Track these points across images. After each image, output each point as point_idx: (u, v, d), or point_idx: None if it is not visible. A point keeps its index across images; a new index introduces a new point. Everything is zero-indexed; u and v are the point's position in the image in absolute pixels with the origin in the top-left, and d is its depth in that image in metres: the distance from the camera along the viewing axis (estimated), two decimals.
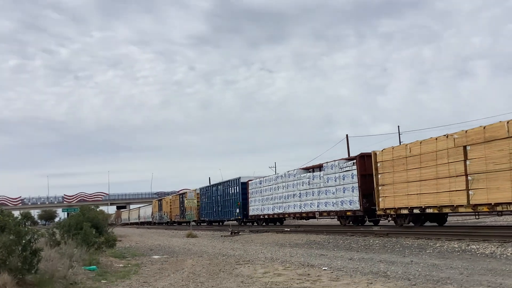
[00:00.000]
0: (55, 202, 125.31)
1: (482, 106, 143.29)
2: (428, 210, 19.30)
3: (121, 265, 13.90)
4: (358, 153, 24.28)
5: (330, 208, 26.11)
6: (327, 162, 26.55)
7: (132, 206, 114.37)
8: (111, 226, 31.84)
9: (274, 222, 36.51)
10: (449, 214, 21.13)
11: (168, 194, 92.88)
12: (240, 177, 40.14)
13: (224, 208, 43.19)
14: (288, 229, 27.63)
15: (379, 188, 21.91)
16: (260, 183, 35.84)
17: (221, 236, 28.63)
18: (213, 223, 49.04)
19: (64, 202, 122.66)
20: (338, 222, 27.63)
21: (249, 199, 37.93)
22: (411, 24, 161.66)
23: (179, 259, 15.15)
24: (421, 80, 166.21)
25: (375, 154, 22.27)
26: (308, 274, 10.21)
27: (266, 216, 35.01)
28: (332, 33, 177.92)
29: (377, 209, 22.08)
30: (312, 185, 27.87)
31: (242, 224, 40.01)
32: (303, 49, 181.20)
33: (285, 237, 23.16)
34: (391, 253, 14.08)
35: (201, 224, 52.00)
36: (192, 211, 51.51)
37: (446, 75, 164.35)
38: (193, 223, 53.88)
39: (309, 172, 29.15)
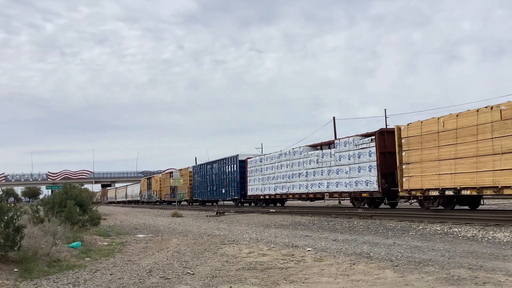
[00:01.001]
0: (39, 180, 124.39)
1: (470, 91, 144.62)
2: (465, 192, 17.25)
3: (105, 243, 13.86)
4: (378, 129, 22.01)
5: (342, 188, 23.98)
6: (339, 139, 24.61)
7: (117, 185, 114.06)
8: (95, 204, 31.74)
9: (275, 203, 34.22)
10: (485, 196, 19.29)
11: (153, 173, 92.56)
12: (238, 155, 37.67)
13: (220, 187, 40.60)
14: (273, 210, 27.79)
15: (403, 167, 19.72)
16: (261, 161, 33.48)
17: (207, 216, 28.70)
18: (207, 203, 46.53)
19: (48, 179, 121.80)
20: (351, 204, 25.73)
21: (248, 178, 35.44)
22: (402, 7, 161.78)
23: (164, 238, 15.15)
24: (410, 64, 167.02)
25: (399, 129, 20.07)
26: (293, 255, 10.28)
27: (267, 197, 32.77)
28: (323, 14, 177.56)
29: (399, 190, 19.94)
30: (321, 164, 25.67)
31: (239, 204, 37.90)
32: (293, 30, 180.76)
33: (271, 218, 23.28)
34: (374, 234, 14.23)
35: (193, 204, 49.95)
36: (184, 190, 49.35)
37: (435, 59, 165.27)
38: (185, 203, 51.54)
39: (317, 149, 27.01)
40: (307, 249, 11.18)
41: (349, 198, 25.30)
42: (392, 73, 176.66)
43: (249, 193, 35.20)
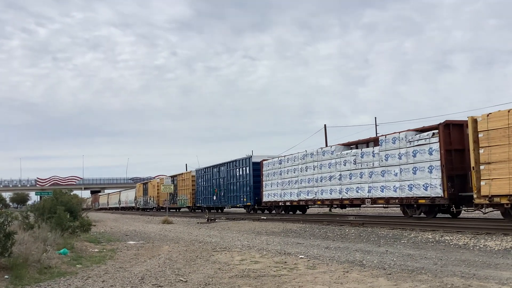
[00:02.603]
0: (28, 185, 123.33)
1: (460, 100, 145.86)
2: None
3: (96, 250, 13.75)
4: (443, 121, 18.29)
5: (390, 194, 20.13)
6: (385, 135, 20.71)
7: (106, 191, 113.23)
8: (85, 210, 31.51)
9: (294, 210, 30.83)
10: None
11: (144, 179, 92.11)
12: (251, 156, 34.04)
13: (228, 193, 36.94)
14: (265, 217, 27.73)
15: (481, 167, 16.10)
16: (280, 163, 29.57)
17: (197, 223, 28.58)
18: (211, 210, 43.20)
19: (37, 185, 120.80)
20: (400, 212, 22.00)
21: (263, 183, 31.53)
22: (394, 16, 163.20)
23: (155, 245, 15.06)
24: (402, 73, 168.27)
25: (475, 120, 16.42)
26: (285, 262, 10.25)
27: (288, 203, 28.88)
28: (316, 23, 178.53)
29: (475, 196, 16.19)
30: (360, 165, 22.03)
31: (252, 212, 34.30)
32: (287, 37, 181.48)
33: (262, 225, 23.23)
34: (366, 242, 14.24)
35: (196, 210, 46.79)
36: (185, 195, 46.72)
37: (427, 68, 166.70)
38: (185, 209, 48.82)
39: (352, 148, 23.64)
40: (300, 256, 11.16)
41: (398, 205, 21.40)
42: (384, 81, 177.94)
43: (265, 199, 31.52)
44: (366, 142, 22.77)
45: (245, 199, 34.23)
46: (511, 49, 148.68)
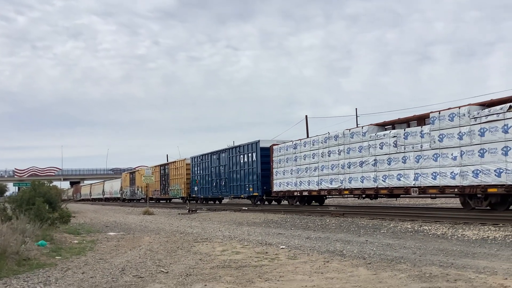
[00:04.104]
0: (6, 176, 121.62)
1: (441, 91, 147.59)
2: None
3: (75, 241, 13.61)
4: None
5: (446, 181, 16.93)
6: (438, 111, 17.47)
7: (86, 182, 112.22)
8: (64, 201, 31.18)
9: (309, 201, 27.43)
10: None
11: (124, 170, 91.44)
12: (259, 140, 30.53)
13: (230, 182, 33.91)
14: (246, 208, 27.78)
15: None
16: (295, 148, 26.44)
17: (179, 214, 28.51)
18: (209, 202, 40.64)
19: (15, 176, 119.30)
20: (460, 204, 18.69)
21: (274, 170, 28.55)
22: (378, 7, 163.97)
23: (136, 236, 14.98)
24: (384, 64, 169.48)
25: None
26: (266, 253, 10.29)
27: (305, 193, 25.70)
28: (300, 13, 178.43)
29: None
30: (403, 147, 18.79)
31: (258, 203, 30.99)
32: (270, 28, 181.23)
33: (243, 215, 23.27)
34: (346, 232, 14.38)
35: (190, 202, 41.90)
36: (179, 185, 43.75)
37: (408, 60, 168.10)
38: (178, 200, 45.18)
39: (388, 129, 20.42)
40: (281, 246, 11.22)
41: (456, 195, 18.27)
42: (366, 72, 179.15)
43: (276, 188, 28.39)
44: (407, 121, 19.68)
45: (251, 189, 31.13)
46: (490, 40, 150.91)
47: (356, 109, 50.09)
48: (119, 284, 7.46)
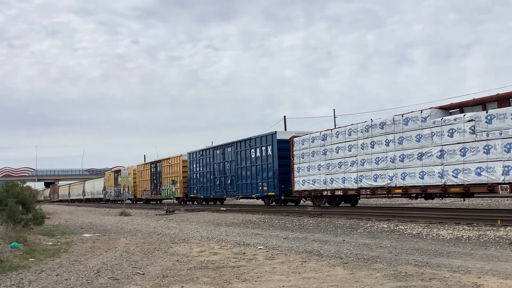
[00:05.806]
0: None
1: (418, 92, 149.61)
2: None
3: (50, 243, 13.38)
4: None
5: None
6: None
7: (61, 183, 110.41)
8: (39, 202, 30.66)
9: (338, 202, 23.37)
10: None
11: (100, 171, 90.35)
12: (276, 132, 26.65)
13: (238, 180, 29.85)
14: (224, 209, 27.72)
15: None
16: (324, 139, 22.44)
17: (156, 214, 28.29)
18: (209, 202, 36.63)
19: None
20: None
21: (295, 166, 24.44)
22: (359, 8, 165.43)
23: (112, 238, 14.80)
24: (363, 65, 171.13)
25: None
26: (244, 253, 10.27)
27: (339, 192, 21.68)
28: (281, 13, 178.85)
29: None
30: (486, 134, 15.15)
31: (273, 204, 27.32)
32: (252, 28, 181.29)
33: (221, 216, 23.21)
34: (324, 232, 14.45)
35: (187, 203, 39.54)
36: (175, 185, 38.69)
37: (387, 61, 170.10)
38: (174, 200, 39.34)
39: (453, 113, 17.01)
40: (259, 247, 11.21)
41: None
42: (345, 73, 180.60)
43: (298, 187, 24.36)
44: (482, 103, 16.23)
45: (265, 188, 27.10)
46: (468, 42, 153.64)
47: (334, 109, 50.37)
48: (94, 286, 7.35)
